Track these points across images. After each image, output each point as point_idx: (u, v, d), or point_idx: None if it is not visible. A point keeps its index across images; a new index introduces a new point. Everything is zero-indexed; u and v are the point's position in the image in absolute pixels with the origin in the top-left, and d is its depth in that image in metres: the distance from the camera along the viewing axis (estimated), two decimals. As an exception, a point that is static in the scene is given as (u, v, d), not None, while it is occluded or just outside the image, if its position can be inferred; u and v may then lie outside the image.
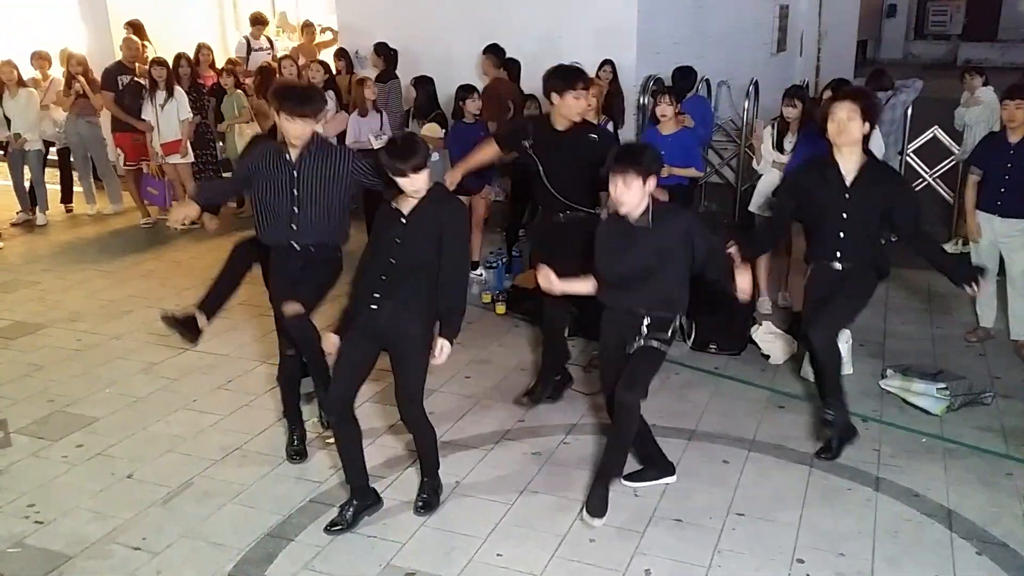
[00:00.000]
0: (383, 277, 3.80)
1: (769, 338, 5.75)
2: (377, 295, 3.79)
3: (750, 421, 4.95)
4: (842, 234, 4.32)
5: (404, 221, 3.78)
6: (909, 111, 8.17)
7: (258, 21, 10.61)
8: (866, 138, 4.33)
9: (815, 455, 4.55)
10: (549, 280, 3.99)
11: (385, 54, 8.95)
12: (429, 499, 4.15)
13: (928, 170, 8.76)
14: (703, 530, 3.99)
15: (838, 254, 4.36)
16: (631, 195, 3.73)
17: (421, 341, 3.84)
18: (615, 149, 3.86)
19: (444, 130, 7.41)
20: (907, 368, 5.30)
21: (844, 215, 4.29)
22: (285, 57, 9.13)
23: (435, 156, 7.46)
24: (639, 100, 8.59)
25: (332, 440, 4.76)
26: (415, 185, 3.68)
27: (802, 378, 5.44)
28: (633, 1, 8.65)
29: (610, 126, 7.02)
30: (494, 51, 8.37)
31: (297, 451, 4.60)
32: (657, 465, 4.34)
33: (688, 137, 6.19)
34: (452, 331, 3.82)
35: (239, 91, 8.86)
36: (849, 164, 4.28)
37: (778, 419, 4.99)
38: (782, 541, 3.91)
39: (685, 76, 7.81)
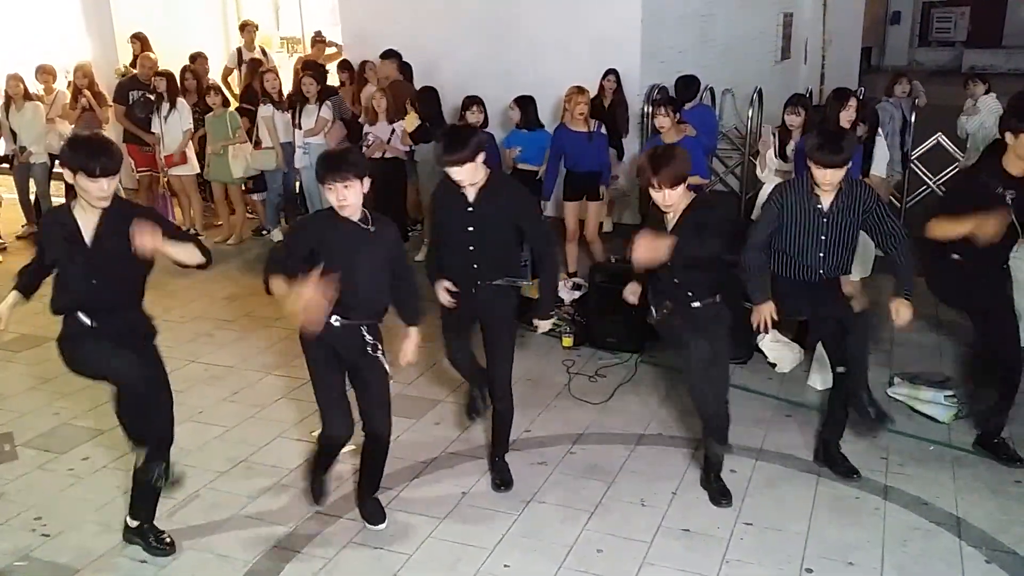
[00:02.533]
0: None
1: (776, 346, 5.73)
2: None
3: (757, 430, 4.93)
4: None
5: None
6: (913, 117, 8.17)
7: (244, 28, 10.58)
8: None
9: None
10: None
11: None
12: (505, 476, 4.43)
13: (932, 177, 8.74)
14: (711, 540, 3.97)
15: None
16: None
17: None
18: (321, 157, 3.73)
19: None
20: (915, 376, 5.29)
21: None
22: (268, 70, 8.95)
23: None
24: (643, 109, 8.60)
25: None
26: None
27: (809, 386, 5.43)
28: (637, 11, 8.66)
29: (603, 129, 7.00)
30: (393, 55, 8.65)
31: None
32: None
33: (692, 145, 6.16)
34: None
35: (232, 110, 8.64)
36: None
37: (785, 428, 4.97)
38: (790, 550, 3.89)
39: (688, 85, 7.80)
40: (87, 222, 3.62)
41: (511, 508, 4.22)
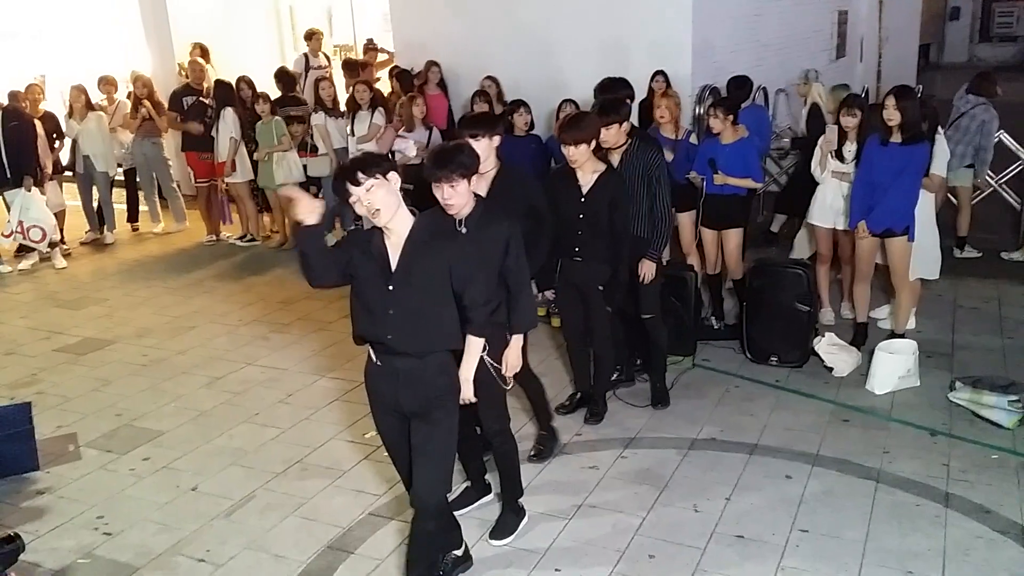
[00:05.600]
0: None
1: (832, 350, 5.63)
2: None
3: (813, 435, 4.85)
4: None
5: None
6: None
7: (311, 36, 10.74)
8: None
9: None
10: None
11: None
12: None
13: (994, 176, 8.51)
14: (766, 547, 3.91)
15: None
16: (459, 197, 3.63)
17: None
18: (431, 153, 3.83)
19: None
20: (977, 380, 5.15)
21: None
22: (322, 78, 9.09)
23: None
24: (695, 110, 8.51)
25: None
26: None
27: (868, 391, 5.32)
28: (688, 11, 8.58)
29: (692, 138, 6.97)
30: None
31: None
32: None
33: (747, 147, 6.10)
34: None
35: (277, 117, 8.70)
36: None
37: (843, 433, 4.88)
38: (848, 558, 3.81)
39: (740, 86, 7.70)
40: None
41: (562, 512, 4.21)
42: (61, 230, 8.93)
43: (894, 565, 3.76)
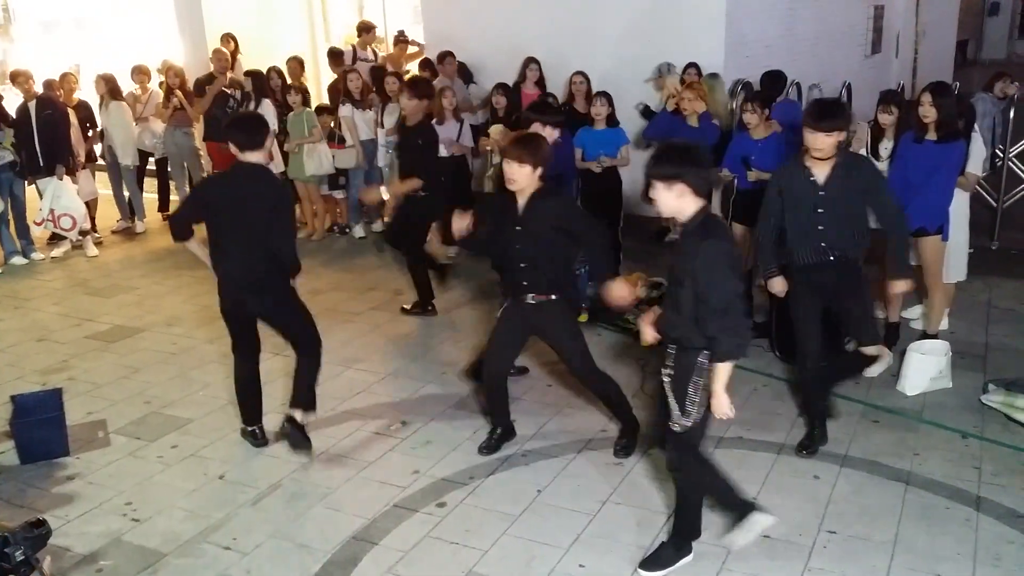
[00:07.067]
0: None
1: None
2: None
3: (842, 435, 4.79)
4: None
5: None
6: (1011, 113, 7.83)
7: (366, 30, 10.72)
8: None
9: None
10: None
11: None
12: (628, 443, 4.68)
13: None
14: (793, 547, 3.88)
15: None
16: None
17: None
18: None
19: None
20: (1011, 383, 5.06)
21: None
22: (350, 70, 9.09)
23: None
24: (727, 105, 8.44)
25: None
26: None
27: (899, 392, 5.25)
28: (722, 4, 8.52)
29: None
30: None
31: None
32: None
33: (779, 142, 6.04)
34: None
35: (308, 109, 8.74)
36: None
37: (872, 434, 4.82)
38: (876, 560, 3.77)
39: (774, 81, 7.62)
40: None
41: (586, 508, 4.19)
42: (93, 219, 9.03)
43: (923, 568, 3.71)
